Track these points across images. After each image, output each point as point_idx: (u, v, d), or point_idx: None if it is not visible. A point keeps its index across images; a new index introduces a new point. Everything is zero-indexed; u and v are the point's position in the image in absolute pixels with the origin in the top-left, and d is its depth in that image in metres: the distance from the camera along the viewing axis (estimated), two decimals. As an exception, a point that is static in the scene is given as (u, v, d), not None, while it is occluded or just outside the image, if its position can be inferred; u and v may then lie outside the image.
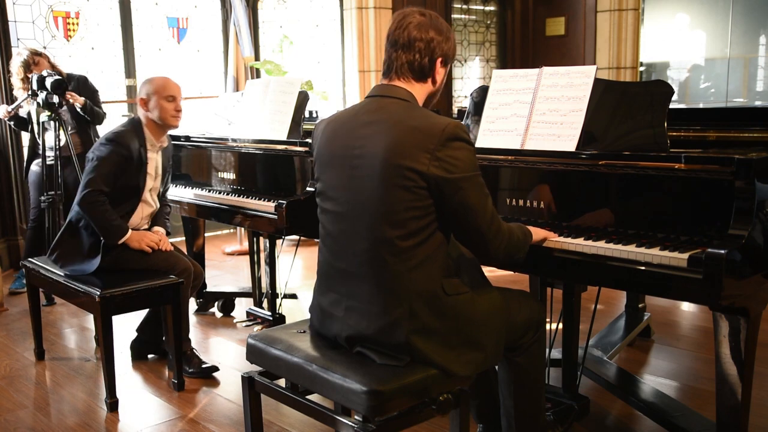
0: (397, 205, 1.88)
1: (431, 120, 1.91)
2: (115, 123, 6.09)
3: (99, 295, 2.97)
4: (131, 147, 3.24)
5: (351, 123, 2.01)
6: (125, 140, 3.23)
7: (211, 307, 4.42)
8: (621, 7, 6.57)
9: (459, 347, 1.97)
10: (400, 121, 1.91)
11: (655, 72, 6.88)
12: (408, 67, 2.02)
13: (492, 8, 7.25)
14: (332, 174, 2.02)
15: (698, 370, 3.36)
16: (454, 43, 2.10)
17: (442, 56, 2.04)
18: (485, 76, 7.23)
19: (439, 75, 2.06)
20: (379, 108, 1.98)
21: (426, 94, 2.08)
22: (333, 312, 2.06)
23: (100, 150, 3.21)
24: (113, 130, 3.28)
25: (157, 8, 6.37)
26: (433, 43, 2.01)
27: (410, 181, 1.86)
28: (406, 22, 2.01)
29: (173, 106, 3.32)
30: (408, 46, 2.00)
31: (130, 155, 3.23)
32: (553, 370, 2.94)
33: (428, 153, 1.85)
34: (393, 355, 1.95)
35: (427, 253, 1.92)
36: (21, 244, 5.37)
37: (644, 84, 2.48)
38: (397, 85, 2.03)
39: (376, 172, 1.89)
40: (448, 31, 2.06)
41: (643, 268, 2.03)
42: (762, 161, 1.96)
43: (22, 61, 4.56)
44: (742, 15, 6.36)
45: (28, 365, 3.59)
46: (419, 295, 1.92)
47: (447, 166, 1.86)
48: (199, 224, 4.35)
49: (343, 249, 2.01)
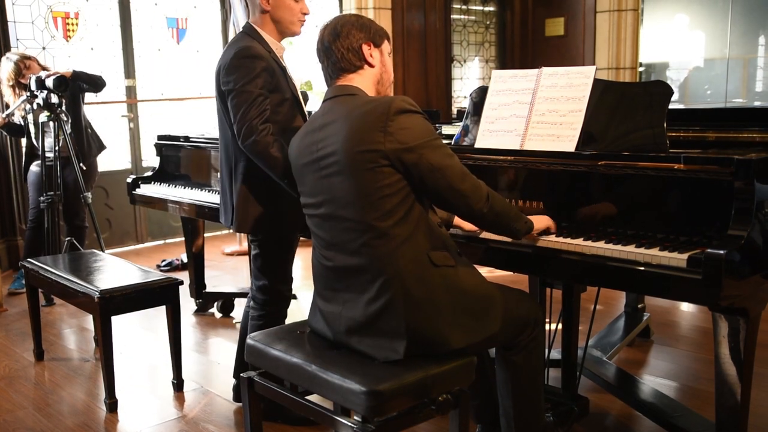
0: (368, 189, 1.93)
1: (377, 101, 1.99)
2: (114, 124, 6.15)
3: (98, 295, 2.97)
4: (265, 54, 2.57)
5: (310, 130, 2.11)
6: (257, 50, 2.54)
7: (211, 308, 4.43)
8: (620, 8, 6.57)
9: (453, 317, 1.99)
10: (351, 113, 1.99)
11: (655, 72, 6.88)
12: (338, 69, 2.11)
13: (491, 9, 7.25)
14: (307, 182, 2.11)
15: (698, 370, 3.36)
16: (374, 26, 2.15)
17: (364, 41, 2.11)
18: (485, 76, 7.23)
19: (373, 58, 2.12)
20: (332, 108, 2.08)
21: (373, 79, 2.15)
22: (332, 310, 2.09)
23: (237, 76, 2.50)
24: (233, 48, 2.55)
25: (156, 9, 6.38)
26: (348, 37, 2.09)
27: (373, 163, 1.92)
28: (320, 34, 2.14)
29: (300, 6, 2.65)
30: (326, 53, 2.12)
31: (270, 66, 2.55)
32: (553, 370, 2.94)
33: (380, 131, 1.92)
34: (389, 344, 1.96)
35: (410, 228, 1.97)
36: (20, 244, 5.37)
37: (644, 84, 2.48)
38: (343, 83, 2.12)
39: (341, 166, 1.97)
40: (359, 19, 2.15)
41: (642, 269, 2.02)
42: (761, 162, 1.96)
43: (14, 67, 4.56)
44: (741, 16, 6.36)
45: (27, 366, 3.59)
46: (409, 272, 1.95)
47: (400, 137, 1.92)
48: (199, 225, 4.35)
49: (333, 247, 2.05)
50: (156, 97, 6.47)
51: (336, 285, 2.07)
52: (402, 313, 1.94)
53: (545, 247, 2.24)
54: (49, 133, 4.44)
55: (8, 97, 4.65)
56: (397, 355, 1.96)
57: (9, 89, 4.62)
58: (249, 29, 2.65)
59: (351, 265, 2.01)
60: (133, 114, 6.31)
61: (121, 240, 6.22)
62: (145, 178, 4.36)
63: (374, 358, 1.99)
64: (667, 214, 2.15)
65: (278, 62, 2.62)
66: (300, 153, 2.13)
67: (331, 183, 2.01)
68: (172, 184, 4.19)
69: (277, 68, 2.59)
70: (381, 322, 1.97)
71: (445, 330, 1.98)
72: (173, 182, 4.22)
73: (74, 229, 4.77)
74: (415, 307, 1.95)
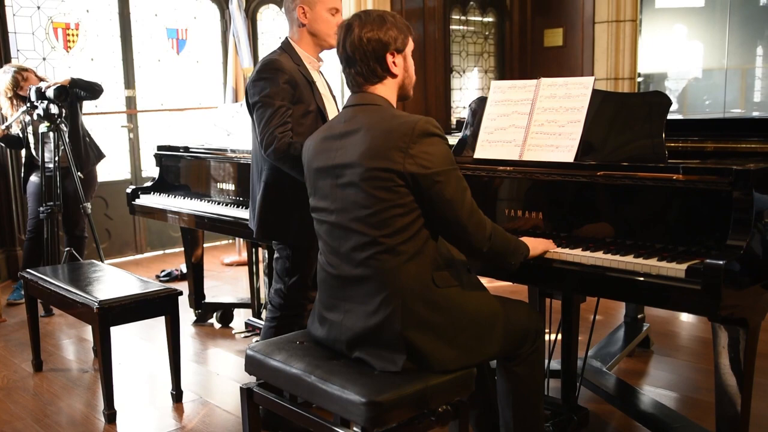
0: (380, 206, 1.93)
1: (402, 119, 1.96)
2: (114, 134, 6.15)
3: (97, 305, 2.97)
4: (290, 68, 2.68)
5: (330, 136, 2.09)
6: (281, 64, 2.66)
7: (210, 318, 4.42)
8: (618, 18, 6.59)
9: (452, 338, 1.98)
10: (374, 126, 1.97)
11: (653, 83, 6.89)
12: (362, 77, 2.08)
13: (490, 19, 7.27)
14: (320, 187, 2.09)
15: (698, 380, 3.36)
16: (398, 27, 2.07)
17: (389, 51, 2.05)
18: (484, 86, 7.24)
19: (396, 67, 2.08)
20: (354, 116, 2.05)
21: (395, 88, 2.13)
22: (332, 319, 2.09)
23: (259, 87, 2.63)
24: (260, 63, 2.70)
25: (156, 19, 6.40)
26: (369, 46, 2.03)
27: (389, 182, 1.92)
28: (341, 38, 2.08)
29: (336, 20, 2.73)
30: (349, 61, 2.07)
31: (294, 79, 2.66)
32: (552, 381, 2.93)
33: (401, 152, 1.91)
34: (389, 356, 1.96)
35: (416, 247, 1.96)
36: (19, 254, 5.36)
37: (642, 95, 2.49)
38: (367, 91, 2.09)
39: (357, 178, 1.96)
40: (383, 21, 2.06)
41: (641, 279, 2.02)
42: (760, 172, 1.96)
43: (11, 79, 4.57)
44: (739, 26, 6.38)
45: (25, 376, 3.58)
46: (411, 290, 1.95)
47: (421, 161, 1.91)
48: (198, 235, 4.35)
49: (338, 255, 2.05)
50: (156, 107, 6.48)
51: (339, 293, 2.07)
52: (400, 330, 1.94)
53: (544, 257, 2.24)
54: (49, 143, 4.45)
55: (6, 109, 4.66)
56: (395, 367, 1.96)
57: (7, 101, 4.63)
58: (284, 43, 2.79)
59: (355, 276, 2.01)
60: (133, 124, 6.32)
61: (121, 250, 6.21)
62: (145, 188, 4.37)
63: (374, 367, 1.99)
64: (666, 224, 2.15)
65: (306, 75, 2.71)
66: (315, 156, 2.11)
67: (346, 193, 2.00)
68: (172, 195, 4.19)
69: (302, 81, 2.68)
70: (379, 335, 1.97)
71: (443, 350, 1.97)
72: (173, 193, 4.22)
73: (74, 240, 4.77)
74: (414, 324, 1.95)
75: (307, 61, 2.76)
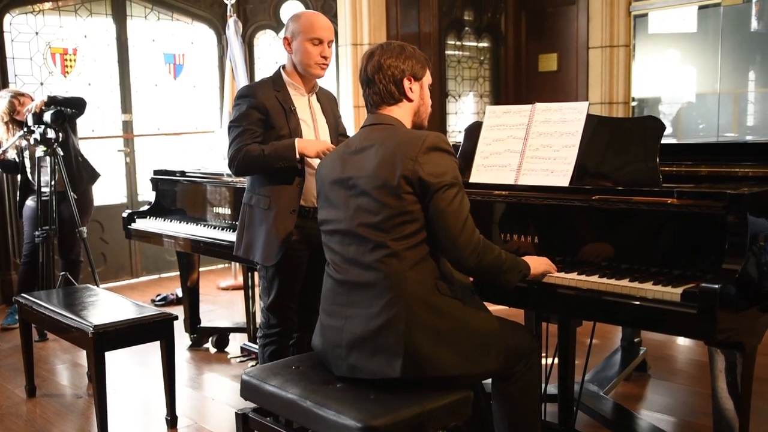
0: (388, 212, 2.01)
1: (414, 134, 2.10)
2: (110, 158, 6.16)
3: (92, 330, 2.96)
4: (264, 95, 2.80)
5: (346, 153, 2.18)
6: (252, 90, 2.82)
7: (205, 343, 4.39)
8: (612, 44, 6.65)
9: (453, 342, 2.01)
10: (386, 141, 2.08)
11: (647, 107, 6.94)
12: (379, 99, 2.19)
13: (485, 44, 7.33)
14: (333, 199, 2.17)
15: (695, 405, 3.34)
16: (416, 57, 2.20)
17: (406, 76, 2.17)
18: (479, 111, 7.28)
19: (412, 92, 2.20)
20: (369, 135, 2.16)
21: (411, 112, 2.23)
22: (334, 324, 2.11)
23: (232, 113, 2.85)
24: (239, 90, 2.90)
25: (154, 44, 6.44)
26: (389, 70, 2.15)
27: (399, 188, 1.99)
28: (364, 63, 2.21)
29: (319, 50, 2.80)
30: (368, 83, 2.20)
31: (263, 105, 2.78)
32: (549, 405, 2.92)
33: (411, 160, 2.00)
34: (387, 361, 1.97)
35: (421, 255, 2.03)
36: (14, 279, 5.34)
37: (636, 119, 2.51)
38: (382, 113, 2.20)
39: (369, 187, 2.04)
40: (403, 50, 2.19)
41: (637, 303, 2.03)
42: (754, 196, 1.98)
43: (8, 104, 4.59)
44: (731, 51, 6.44)
45: (18, 402, 3.55)
46: (416, 294, 2.00)
47: (428, 168, 2.00)
48: (194, 259, 4.35)
49: (347, 261, 2.10)
50: (153, 131, 6.49)
51: (342, 300, 2.11)
52: (402, 331, 1.97)
53: (540, 281, 2.24)
54: (46, 167, 4.45)
55: (2, 134, 4.67)
56: (393, 373, 1.97)
57: (3, 126, 4.64)
58: (275, 71, 2.93)
59: (362, 280, 2.05)
60: (130, 148, 6.34)
61: (116, 274, 6.19)
62: (141, 212, 4.37)
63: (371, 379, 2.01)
64: (661, 248, 2.15)
65: (284, 102, 2.82)
66: (331, 171, 2.20)
67: (357, 202, 2.07)
68: (168, 219, 4.19)
69: (276, 107, 2.80)
70: (381, 338, 2.00)
71: (443, 353, 1.99)
72: (169, 217, 4.22)
73: (69, 264, 4.76)
74: (416, 326, 1.98)
75: (291, 88, 2.86)
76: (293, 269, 2.86)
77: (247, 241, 2.90)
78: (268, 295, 2.88)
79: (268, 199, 2.81)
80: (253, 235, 2.87)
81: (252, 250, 2.87)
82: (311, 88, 2.92)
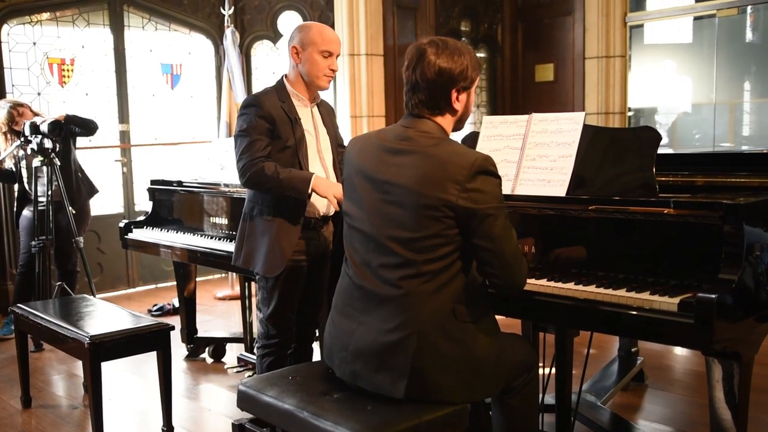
0: (425, 232, 1.95)
1: (461, 153, 1.98)
2: (107, 168, 6.16)
3: (88, 341, 2.95)
4: (270, 105, 2.79)
5: (383, 147, 2.07)
6: (259, 100, 2.80)
7: (202, 353, 4.38)
8: (608, 54, 6.69)
9: (459, 371, 1.99)
10: (430, 155, 1.98)
11: (644, 117, 6.96)
12: (423, 106, 2.06)
13: (482, 55, 7.36)
14: (362, 196, 2.08)
15: (692, 415, 3.34)
16: (470, 62, 2.06)
17: (456, 87, 2.05)
18: (476, 121, 7.31)
19: (459, 103, 2.08)
20: (411, 137, 2.04)
21: (452, 121, 2.13)
22: (346, 327, 2.09)
23: (239, 123, 2.81)
24: (245, 99, 2.89)
25: (151, 55, 6.45)
26: (440, 78, 2.02)
27: (439, 212, 1.93)
28: (411, 61, 2.05)
29: (328, 63, 2.82)
30: (416, 87, 2.05)
31: (270, 115, 2.77)
32: (547, 415, 2.91)
33: (458, 185, 1.92)
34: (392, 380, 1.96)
35: (448, 277, 1.99)
36: (10, 289, 5.33)
37: (633, 130, 2.52)
38: (425, 118, 2.07)
39: (407, 201, 1.97)
40: (458, 53, 2.04)
41: (634, 313, 2.03)
42: (750, 206, 1.98)
43: (7, 114, 4.59)
44: (726, 62, 6.48)
45: (14, 413, 3.54)
46: (432, 318, 1.97)
47: (475, 197, 1.93)
48: (191, 269, 4.34)
49: (369, 269, 2.05)
50: (150, 141, 6.50)
51: (357, 304, 2.08)
52: (411, 353, 1.95)
53: (537, 291, 2.25)
54: (42, 177, 4.45)
55: (0, 144, 4.67)
56: (398, 394, 1.96)
57: (1, 136, 4.64)
58: (278, 80, 2.91)
59: (380, 292, 2.01)
60: (127, 158, 6.33)
61: (113, 284, 6.18)
62: (138, 222, 4.36)
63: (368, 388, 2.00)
64: (657, 257, 2.16)
65: (289, 112, 2.80)
66: (363, 163, 2.10)
67: (390, 211, 2.00)
68: (165, 229, 4.19)
69: (282, 117, 2.78)
70: (388, 355, 1.98)
71: (447, 379, 1.98)
72: (166, 227, 4.22)
73: (66, 274, 4.75)
74: (426, 350, 1.96)
75: (295, 99, 2.85)
76: (293, 280, 2.85)
77: (247, 252, 2.88)
78: (267, 306, 2.87)
79: (272, 209, 2.79)
80: (253, 246, 2.85)
81: (253, 260, 2.85)
82: (313, 99, 2.92)
